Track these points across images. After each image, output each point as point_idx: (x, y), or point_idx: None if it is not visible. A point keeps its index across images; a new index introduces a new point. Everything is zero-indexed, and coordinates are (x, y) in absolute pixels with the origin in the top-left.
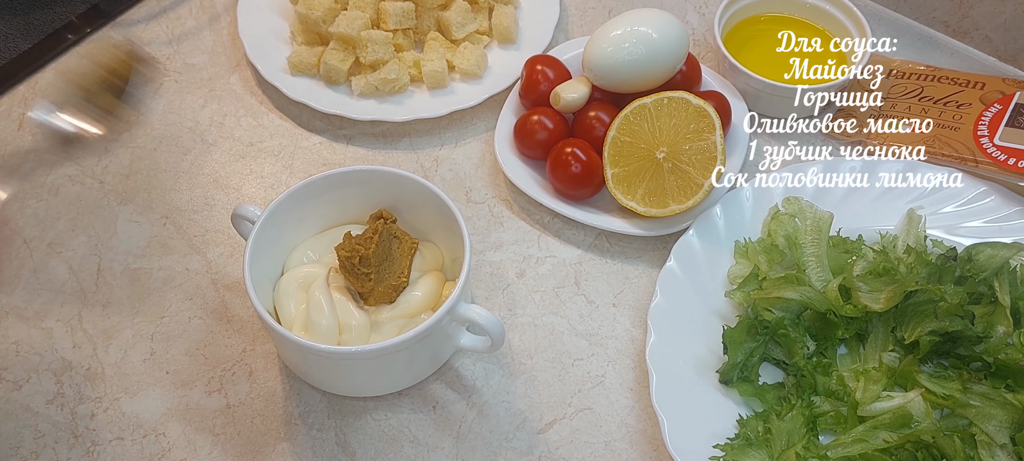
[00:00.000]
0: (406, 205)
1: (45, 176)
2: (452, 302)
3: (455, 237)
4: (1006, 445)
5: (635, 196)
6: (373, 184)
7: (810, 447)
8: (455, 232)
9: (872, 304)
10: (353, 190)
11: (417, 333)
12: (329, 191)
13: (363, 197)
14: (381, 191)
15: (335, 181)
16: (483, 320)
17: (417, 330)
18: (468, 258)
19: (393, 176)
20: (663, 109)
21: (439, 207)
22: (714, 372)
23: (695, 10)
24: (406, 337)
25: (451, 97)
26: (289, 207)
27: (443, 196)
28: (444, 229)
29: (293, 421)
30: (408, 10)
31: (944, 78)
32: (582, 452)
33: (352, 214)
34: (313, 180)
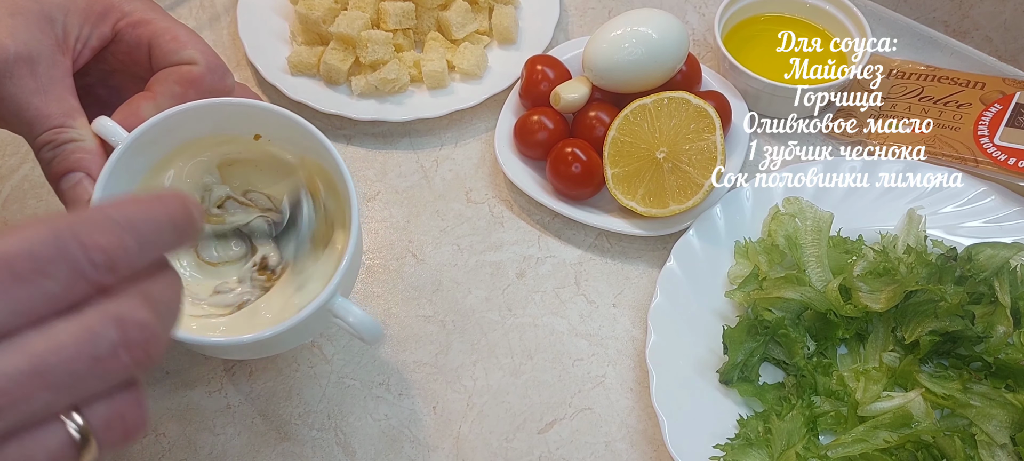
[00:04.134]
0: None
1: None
2: (324, 299)
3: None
4: (1006, 445)
5: (635, 196)
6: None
7: (810, 447)
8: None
9: (872, 304)
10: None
11: (279, 331)
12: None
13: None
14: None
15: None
16: (356, 322)
17: (278, 328)
18: (354, 233)
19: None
20: (663, 109)
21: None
22: (714, 372)
23: (695, 10)
24: (267, 334)
25: (451, 97)
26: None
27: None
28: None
29: (293, 421)
30: (408, 10)
31: (944, 78)
32: (582, 452)
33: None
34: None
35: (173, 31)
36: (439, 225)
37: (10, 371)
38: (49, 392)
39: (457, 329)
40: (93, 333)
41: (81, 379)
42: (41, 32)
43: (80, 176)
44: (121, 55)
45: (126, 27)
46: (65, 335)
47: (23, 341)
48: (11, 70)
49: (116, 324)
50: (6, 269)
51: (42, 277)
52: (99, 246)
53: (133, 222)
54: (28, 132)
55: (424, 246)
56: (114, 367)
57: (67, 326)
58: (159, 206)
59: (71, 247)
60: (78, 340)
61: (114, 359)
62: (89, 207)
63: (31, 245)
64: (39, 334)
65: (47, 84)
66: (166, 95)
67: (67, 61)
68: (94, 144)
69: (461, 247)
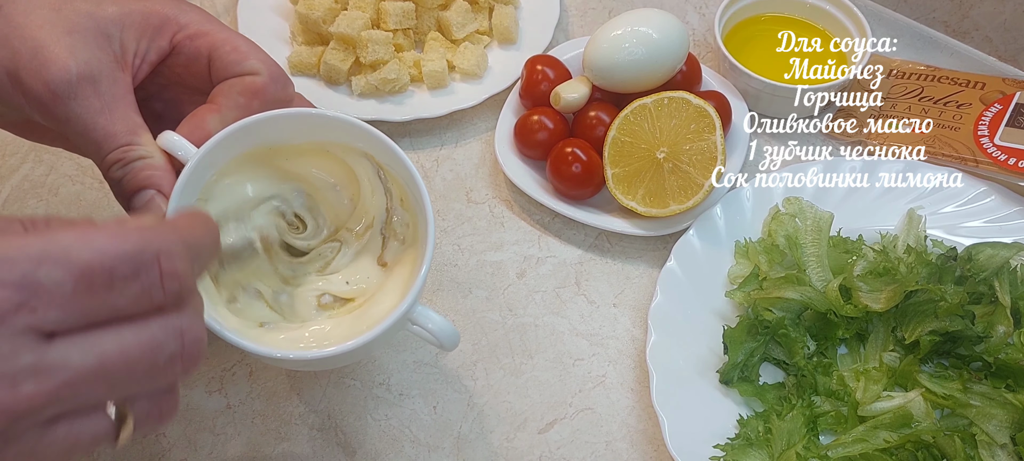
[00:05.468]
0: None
1: (45, 176)
2: (407, 306)
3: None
4: (1006, 445)
5: (635, 196)
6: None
7: (810, 447)
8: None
9: (872, 304)
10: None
11: (364, 341)
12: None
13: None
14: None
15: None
16: (437, 328)
17: (365, 338)
18: (430, 247)
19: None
20: (663, 109)
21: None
22: (714, 372)
23: (695, 10)
24: (351, 346)
25: (451, 97)
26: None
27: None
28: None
29: (293, 421)
30: (408, 10)
31: (944, 78)
32: (583, 452)
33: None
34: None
35: (233, 42)
36: (439, 225)
37: (79, 367)
38: (108, 388)
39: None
40: (157, 343)
41: (137, 381)
42: (100, 49)
43: (152, 193)
44: (179, 68)
45: (184, 40)
46: (133, 342)
47: (94, 340)
48: (75, 90)
49: (178, 337)
50: (83, 281)
51: (113, 292)
52: (174, 273)
53: (199, 248)
54: (95, 152)
55: None
56: (169, 374)
57: (136, 334)
58: (209, 232)
59: (150, 272)
60: (143, 347)
61: (170, 368)
62: (168, 224)
63: (113, 261)
64: (110, 336)
65: (111, 102)
66: (231, 107)
67: (127, 77)
68: (162, 160)
69: (461, 247)
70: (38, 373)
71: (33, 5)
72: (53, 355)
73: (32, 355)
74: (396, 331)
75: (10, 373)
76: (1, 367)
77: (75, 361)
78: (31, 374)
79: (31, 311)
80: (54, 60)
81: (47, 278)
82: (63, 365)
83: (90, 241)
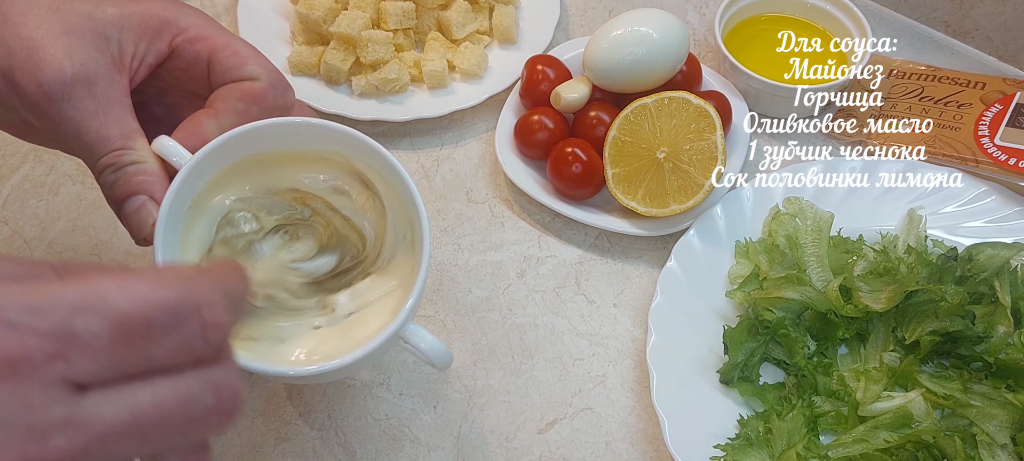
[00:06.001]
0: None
1: (45, 176)
2: (398, 324)
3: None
4: (1007, 445)
5: (636, 196)
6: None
7: (811, 447)
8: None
9: (873, 304)
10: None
11: (355, 359)
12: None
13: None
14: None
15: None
16: (429, 348)
17: (355, 355)
18: (425, 264)
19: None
20: (664, 109)
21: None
22: (715, 372)
23: (695, 10)
24: (343, 362)
25: (451, 97)
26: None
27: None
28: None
29: (293, 421)
30: (408, 10)
31: (944, 78)
32: (583, 452)
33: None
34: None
35: (233, 46)
36: (440, 225)
37: (111, 421)
38: (140, 444)
39: (457, 329)
40: (192, 396)
41: (170, 436)
42: (97, 51)
43: (143, 199)
44: (178, 71)
45: (183, 43)
46: (167, 395)
47: (128, 394)
48: (69, 92)
49: (214, 390)
50: (121, 332)
51: (150, 344)
52: (217, 324)
53: (236, 299)
54: (88, 155)
55: None
56: (203, 429)
57: (171, 387)
58: (243, 281)
59: (190, 324)
60: (177, 401)
61: (204, 422)
62: (207, 273)
63: (152, 311)
64: (144, 390)
65: (105, 105)
66: (229, 112)
67: (124, 80)
68: (155, 165)
69: (461, 247)
70: (69, 427)
71: (31, 4)
72: (85, 409)
73: (63, 408)
74: (386, 349)
75: (40, 426)
76: (31, 419)
77: (107, 415)
78: (62, 428)
79: (65, 362)
80: (49, 60)
81: (83, 328)
82: (95, 419)
83: (128, 290)
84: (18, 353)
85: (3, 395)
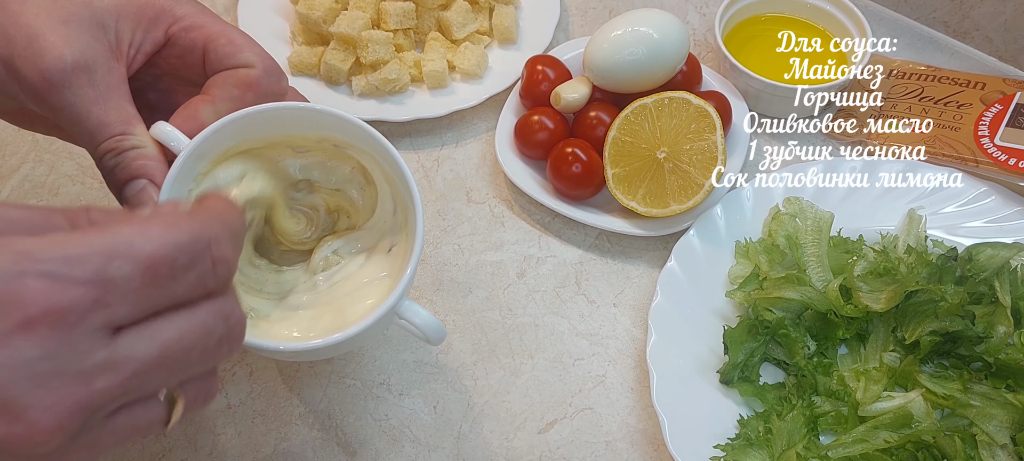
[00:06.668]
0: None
1: (45, 176)
2: (394, 300)
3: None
4: (1007, 445)
5: (636, 196)
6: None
7: (811, 447)
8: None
9: (873, 304)
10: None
11: (349, 336)
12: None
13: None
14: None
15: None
16: (423, 323)
17: (349, 332)
18: (419, 244)
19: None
20: (664, 109)
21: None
22: (715, 372)
23: (695, 10)
24: (334, 340)
25: (451, 97)
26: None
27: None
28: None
29: (293, 421)
30: (408, 10)
31: (944, 78)
32: (583, 452)
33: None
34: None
35: (228, 35)
36: (440, 225)
37: (143, 357)
38: (167, 375)
39: (457, 329)
40: (207, 328)
41: (191, 366)
42: (95, 39)
43: (144, 183)
44: (174, 59)
45: (179, 31)
46: (187, 328)
47: (153, 331)
48: (70, 79)
49: (224, 320)
50: (149, 272)
51: (175, 282)
52: (224, 259)
53: (236, 232)
54: (89, 141)
55: (425, 246)
56: (216, 356)
57: (188, 320)
58: (239, 215)
59: (204, 260)
60: (196, 333)
61: (218, 350)
62: (210, 211)
63: (174, 252)
64: (167, 325)
65: (105, 92)
66: (224, 98)
67: (122, 67)
68: (155, 150)
69: (461, 247)
70: (110, 368)
71: None
72: (122, 349)
73: (104, 351)
74: (383, 325)
75: (87, 370)
76: (78, 364)
77: (140, 353)
78: (104, 369)
79: (106, 308)
80: (49, 49)
81: (118, 274)
82: (130, 358)
83: (150, 234)
84: (63, 304)
85: (55, 345)
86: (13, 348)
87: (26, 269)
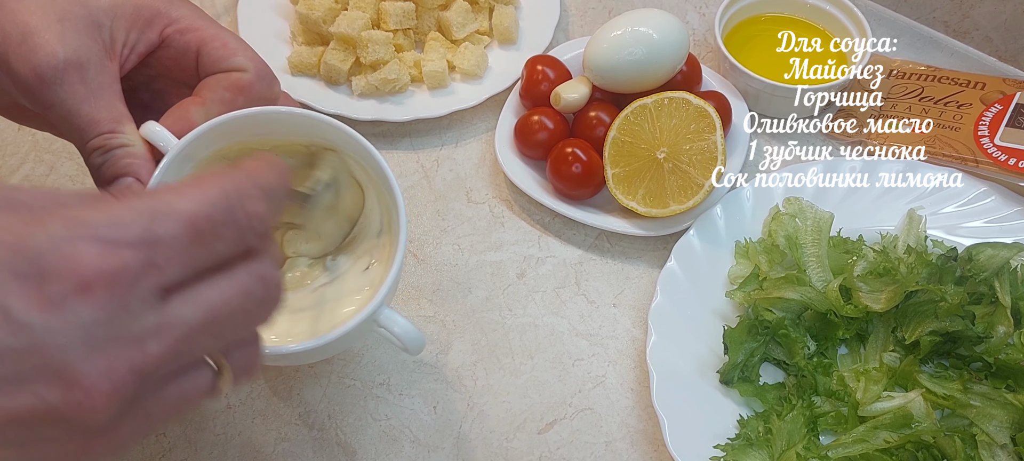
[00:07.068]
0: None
1: (45, 176)
2: (373, 308)
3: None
4: (1007, 445)
5: (635, 196)
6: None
7: (811, 447)
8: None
9: (873, 304)
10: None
11: (328, 341)
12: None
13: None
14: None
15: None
16: (402, 332)
17: (328, 337)
18: (401, 252)
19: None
20: (664, 109)
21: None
22: (715, 372)
23: (695, 10)
24: (314, 344)
25: (451, 97)
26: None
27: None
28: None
29: (293, 421)
30: (408, 10)
31: (944, 78)
32: (582, 452)
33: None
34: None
35: (222, 38)
36: (439, 225)
37: (191, 320)
38: (213, 339)
39: (457, 329)
40: (248, 289)
41: (234, 328)
42: (89, 37)
43: (130, 181)
44: (167, 61)
45: (174, 33)
46: (229, 290)
47: (198, 294)
48: (61, 76)
49: (262, 282)
50: (192, 229)
51: (217, 239)
52: (258, 214)
53: (271, 191)
54: (78, 138)
55: (424, 246)
56: (257, 319)
57: (230, 282)
58: (279, 172)
59: (239, 214)
60: (238, 295)
61: (258, 312)
62: (239, 170)
63: (211, 208)
64: (211, 287)
65: (96, 90)
66: (216, 101)
67: (115, 66)
68: (143, 149)
69: (461, 247)
70: (160, 331)
71: None
72: (170, 312)
73: (155, 314)
74: (362, 332)
75: (139, 334)
76: (132, 328)
77: (188, 316)
78: (155, 333)
79: (157, 269)
80: (43, 45)
81: (164, 233)
82: (179, 321)
83: (186, 193)
84: (117, 267)
85: (110, 309)
86: (71, 312)
87: (79, 234)
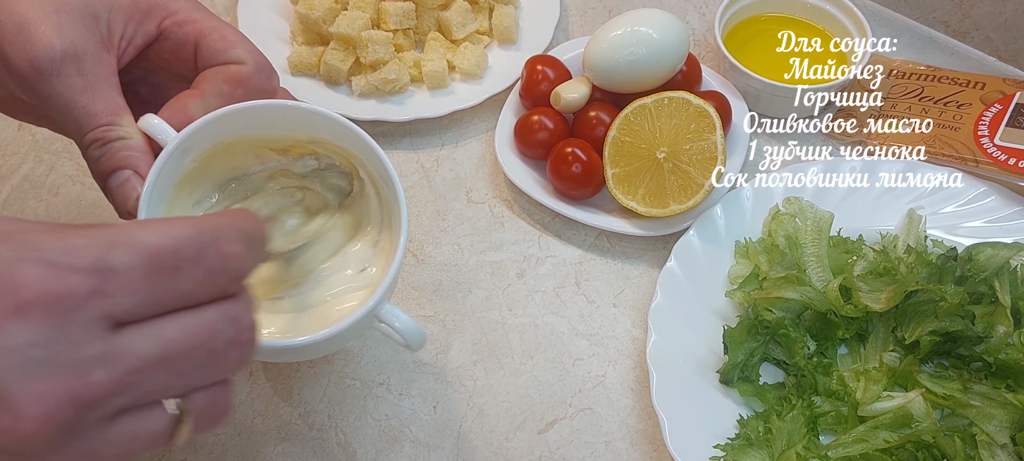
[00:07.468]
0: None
1: (45, 176)
2: (374, 302)
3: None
4: (1006, 445)
5: (635, 196)
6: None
7: (811, 447)
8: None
9: (872, 304)
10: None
11: (329, 334)
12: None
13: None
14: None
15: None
16: (403, 327)
17: (329, 331)
18: (402, 247)
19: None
20: (663, 109)
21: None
22: (714, 372)
23: (695, 10)
24: (316, 338)
25: (451, 97)
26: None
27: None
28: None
29: (293, 421)
30: (408, 10)
31: (944, 78)
32: (582, 452)
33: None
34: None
35: (220, 30)
36: (439, 225)
37: (144, 354)
38: (170, 377)
39: (457, 329)
40: (214, 329)
41: (197, 369)
42: (86, 29)
43: (128, 173)
44: (165, 53)
45: (172, 26)
46: (192, 327)
47: (155, 328)
48: (58, 68)
49: (232, 323)
50: (151, 262)
51: (179, 275)
52: (235, 255)
53: (251, 237)
54: (75, 130)
55: (424, 246)
56: (224, 362)
57: (194, 319)
58: (257, 224)
59: (210, 253)
60: (201, 333)
61: (226, 355)
62: (218, 215)
63: (177, 243)
64: (171, 323)
65: (93, 82)
66: (214, 94)
67: (112, 59)
68: (141, 142)
69: (461, 247)
70: (106, 361)
71: None
72: (121, 343)
73: (102, 343)
74: (363, 327)
75: (81, 360)
76: (73, 354)
77: (141, 349)
78: (100, 362)
79: (105, 297)
80: (39, 37)
81: (119, 262)
82: (129, 353)
83: (153, 228)
84: (60, 290)
85: (48, 332)
86: (5, 333)
87: (25, 256)
